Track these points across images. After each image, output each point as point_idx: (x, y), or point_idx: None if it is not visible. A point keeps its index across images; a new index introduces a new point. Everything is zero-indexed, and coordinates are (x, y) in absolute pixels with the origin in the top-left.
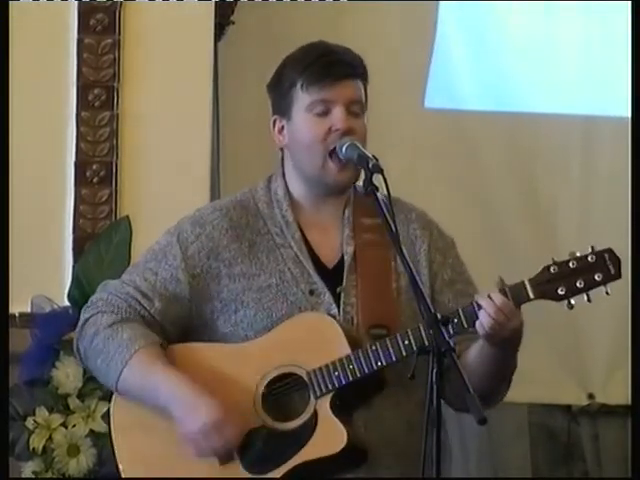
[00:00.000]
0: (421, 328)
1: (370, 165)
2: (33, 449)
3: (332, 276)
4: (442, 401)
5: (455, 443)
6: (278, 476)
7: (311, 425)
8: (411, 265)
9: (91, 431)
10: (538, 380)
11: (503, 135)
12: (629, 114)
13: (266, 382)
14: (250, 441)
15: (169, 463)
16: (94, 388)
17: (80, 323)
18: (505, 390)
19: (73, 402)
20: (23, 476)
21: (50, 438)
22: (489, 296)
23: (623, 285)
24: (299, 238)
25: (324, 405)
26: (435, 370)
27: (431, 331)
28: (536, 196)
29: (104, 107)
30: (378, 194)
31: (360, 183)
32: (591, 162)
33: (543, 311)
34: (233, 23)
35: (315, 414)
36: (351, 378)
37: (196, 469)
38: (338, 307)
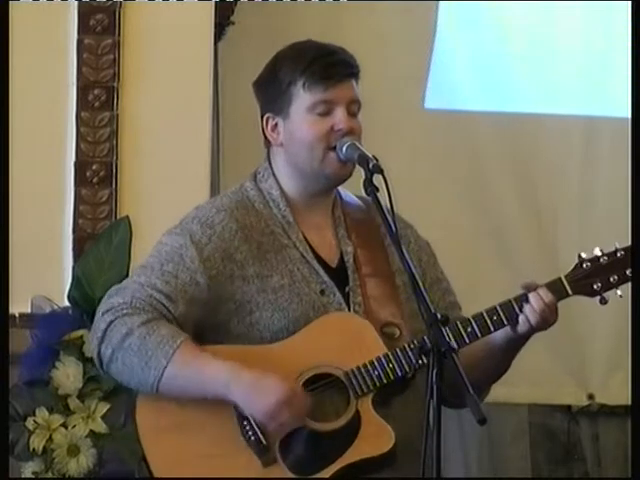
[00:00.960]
0: (459, 326)
1: (370, 165)
2: (33, 449)
3: (337, 275)
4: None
5: (455, 443)
6: (327, 476)
7: (354, 425)
8: (411, 265)
9: (91, 431)
10: (538, 380)
11: (503, 135)
12: (629, 114)
13: (301, 384)
14: (291, 442)
15: (209, 464)
16: (94, 389)
17: (101, 328)
18: None
19: (73, 402)
20: (23, 476)
21: (50, 438)
22: (536, 292)
23: (623, 285)
24: (302, 238)
25: (366, 405)
26: (435, 370)
27: (434, 330)
28: (536, 196)
29: (104, 107)
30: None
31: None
32: (591, 162)
33: None
34: (233, 23)
35: (357, 414)
36: (392, 377)
37: (237, 469)
38: (348, 306)
